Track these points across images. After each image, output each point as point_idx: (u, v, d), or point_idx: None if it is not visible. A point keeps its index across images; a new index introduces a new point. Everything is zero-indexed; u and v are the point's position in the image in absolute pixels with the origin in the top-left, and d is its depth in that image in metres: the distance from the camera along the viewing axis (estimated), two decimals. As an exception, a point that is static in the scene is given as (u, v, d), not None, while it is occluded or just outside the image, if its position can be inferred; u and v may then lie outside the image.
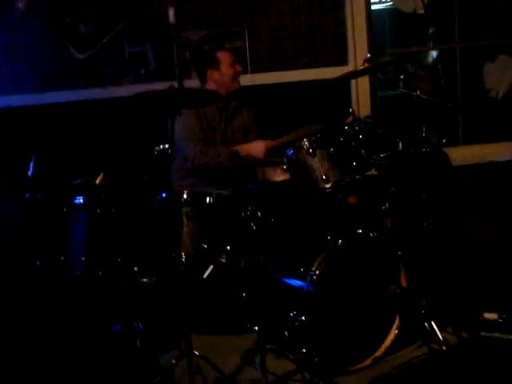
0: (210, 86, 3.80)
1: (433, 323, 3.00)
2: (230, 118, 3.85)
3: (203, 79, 3.84)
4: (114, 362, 3.09)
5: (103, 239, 3.06)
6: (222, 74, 3.78)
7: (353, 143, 3.04)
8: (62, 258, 3.13)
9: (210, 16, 4.37)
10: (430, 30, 5.36)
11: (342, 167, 3.02)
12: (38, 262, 3.15)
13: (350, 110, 3.16)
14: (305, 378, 2.79)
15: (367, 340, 2.93)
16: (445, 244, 3.38)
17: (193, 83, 4.09)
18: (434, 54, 5.54)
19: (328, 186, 2.99)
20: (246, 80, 4.29)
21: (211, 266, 3.20)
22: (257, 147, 3.69)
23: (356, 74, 3.47)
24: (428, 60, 5.61)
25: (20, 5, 4.17)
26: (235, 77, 3.80)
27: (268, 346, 2.90)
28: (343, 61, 4.41)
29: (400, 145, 3.11)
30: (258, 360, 2.89)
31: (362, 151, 3.05)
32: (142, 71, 4.39)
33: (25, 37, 4.28)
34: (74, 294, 3.39)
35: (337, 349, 2.85)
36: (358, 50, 4.38)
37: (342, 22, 4.40)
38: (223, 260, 3.04)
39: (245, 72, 4.34)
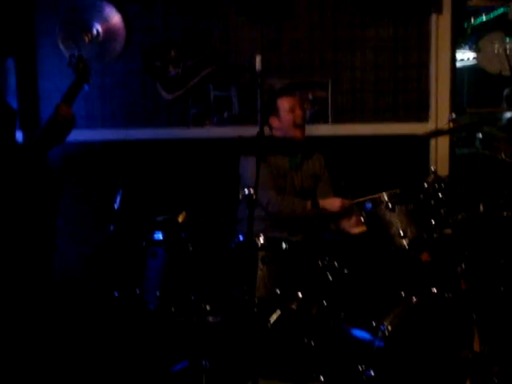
0: (275, 133, 3.85)
1: (505, 392, 2.92)
2: (299, 165, 3.86)
3: (269, 127, 3.89)
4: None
5: (178, 276, 3.13)
6: (282, 121, 3.79)
7: (432, 202, 3.05)
8: (138, 290, 3.23)
9: (295, 65, 4.46)
10: (506, 91, 5.31)
11: (420, 225, 3.03)
12: (115, 293, 3.25)
13: (432, 168, 3.18)
14: (370, 435, 2.75)
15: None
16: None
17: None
18: (508, 115, 5.48)
19: (405, 242, 3.00)
20: (327, 130, 4.38)
21: (278, 311, 3.23)
22: (333, 204, 3.63)
23: (441, 133, 3.48)
24: (503, 121, 5.55)
25: (117, 46, 4.38)
26: (295, 122, 3.77)
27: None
28: (424, 118, 4.41)
29: (481, 206, 3.10)
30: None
31: (441, 210, 3.05)
32: (225, 114, 4.51)
33: (117, 76, 4.49)
34: (146, 327, 3.47)
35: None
36: (440, 108, 4.38)
37: (425, 80, 4.41)
38: (294, 306, 3.06)
39: (325, 122, 4.43)
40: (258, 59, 4.34)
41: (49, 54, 4.47)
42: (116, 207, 3.24)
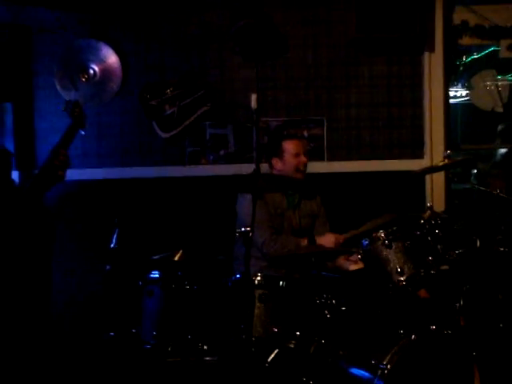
0: (275, 173, 3.84)
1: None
2: (297, 204, 3.86)
3: (270, 166, 3.90)
4: None
5: (175, 315, 3.12)
6: (285, 164, 3.80)
7: (429, 238, 3.05)
8: (134, 330, 3.20)
9: (291, 103, 4.51)
10: (499, 127, 5.37)
11: (418, 261, 3.03)
12: (112, 333, 3.22)
13: (428, 204, 3.19)
14: None
15: None
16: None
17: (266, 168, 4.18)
18: (502, 151, 5.53)
19: (403, 278, 2.99)
20: (322, 167, 4.39)
21: (276, 350, 3.20)
22: (327, 240, 3.63)
23: (436, 169, 3.50)
24: (497, 157, 5.59)
25: (114, 86, 4.43)
26: (298, 167, 3.78)
27: None
28: (419, 154, 4.45)
29: (478, 242, 3.10)
30: None
31: (438, 246, 3.05)
32: (222, 152, 4.53)
33: (114, 115, 4.52)
34: (143, 367, 3.43)
35: None
36: (435, 145, 4.42)
37: (419, 116, 4.46)
38: (292, 345, 3.04)
39: (321, 159, 4.45)
40: (254, 97, 4.37)
41: (46, 95, 4.50)
42: (112, 246, 3.24)
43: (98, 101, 4.44)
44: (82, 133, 3.25)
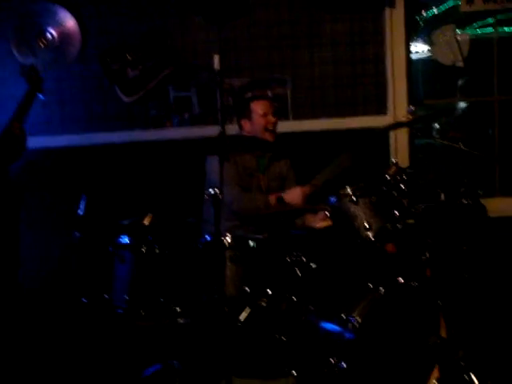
0: (244, 134, 3.87)
1: (472, 375, 2.99)
2: (266, 166, 3.89)
3: (239, 128, 3.92)
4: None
5: (146, 279, 3.13)
6: (254, 124, 3.82)
7: (395, 193, 3.10)
8: (106, 295, 3.21)
9: (254, 63, 4.48)
10: (460, 82, 5.43)
11: (384, 216, 3.08)
12: (84, 299, 3.23)
13: (393, 160, 3.23)
14: (343, 425, 2.78)
15: (405, 389, 2.93)
16: (485, 296, 3.39)
17: (235, 129, 4.19)
18: (463, 104, 5.61)
19: (370, 234, 3.04)
20: (287, 126, 4.38)
21: (248, 309, 3.25)
22: (294, 194, 3.68)
23: (401, 125, 3.54)
24: (458, 111, 5.67)
25: (73, 50, 4.34)
26: (267, 127, 3.81)
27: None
28: (383, 110, 4.48)
29: (442, 195, 3.16)
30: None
31: (404, 201, 3.10)
32: (186, 115, 4.51)
33: (75, 80, 4.45)
34: (116, 331, 3.46)
35: (376, 397, 2.86)
36: (398, 101, 4.46)
37: (382, 73, 4.48)
38: (264, 303, 3.08)
39: (286, 119, 4.45)
40: (216, 58, 4.34)
41: (3, 62, 4.40)
42: (80, 213, 3.22)
43: (58, 66, 4.35)
44: (41, 97, 3.21)
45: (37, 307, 3.90)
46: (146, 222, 3.13)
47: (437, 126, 5.81)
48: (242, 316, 3.23)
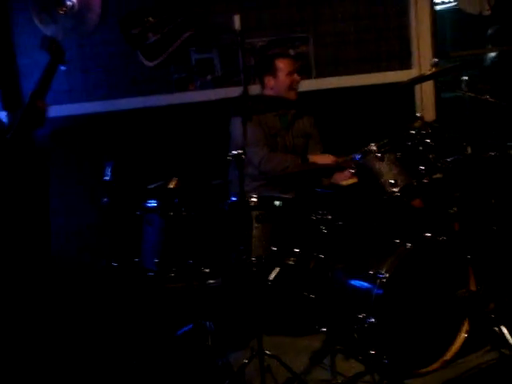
0: (267, 92, 3.87)
1: (503, 328, 2.98)
2: (290, 124, 3.89)
3: (262, 85, 3.91)
4: (186, 360, 3.19)
5: (175, 241, 3.15)
6: (278, 82, 3.82)
7: (420, 148, 3.07)
8: (136, 259, 3.25)
9: (275, 22, 4.42)
10: (489, 31, 5.29)
11: (410, 171, 3.05)
12: (114, 263, 3.28)
13: (418, 114, 3.19)
14: (374, 380, 2.82)
15: (436, 343, 2.94)
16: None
17: (258, 89, 4.17)
18: (492, 55, 5.47)
19: (396, 190, 3.01)
20: (310, 85, 4.35)
21: (277, 269, 3.28)
22: (325, 160, 3.70)
23: (424, 79, 3.47)
24: (487, 62, 5.54)
25: (94, 17, 4.32)
26: (291, 86, 3.81)
27: (337, 347, 2.95)
28: (407, 65, 4.41)
29: (469, 149, 3.12)
30: (327, 361, 2.96)
31: (430, 155, 3.06)
32: (209, 77, 4.49)
33: (97, 47, 4.44)
34: (147, 294, 3.52)
35: (406, 351, 2.87)
36: (422, 54, 4.38)
37: (405, 27, 4.40)
38: (291, 262, 3.10)
39: (309, 77, 4.40)
40: (237, 19, 4.30)
41: (25, 31, 4.41)
42: (108, 179, 3.25)
43: (79, 33, 4.34)
44: (63, 68, 3.22)
45: (67, 273, 3.97)
46: (172, 185, 3.15)
47: (465, 78, 5.68)
48: (271, 275, 3.27)
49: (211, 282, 3.28)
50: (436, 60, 3.33)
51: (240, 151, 2.72)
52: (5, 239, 3.07)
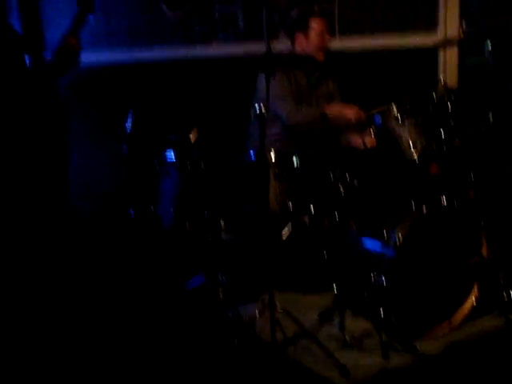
0: (297, 48, 3.85)
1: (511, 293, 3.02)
2: (315, 85, 3.88)
3: (292, 41, 3.88)
4: (197, 312, 3.25)
5: (192, 194, 3.18)
6: (309, 41, 3.80)
7: (442, 113, 3.05)
8: (152, 209, 3.29)
9: (300, -22, 4.37)
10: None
11: (430, 136, 3.04)
12: (131, 212, 3.32)
13: (441, 79, 3.16)
14: (382, 339, 2.87)
15: (445, 306, 2.98)
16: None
17: (280, 45, 4.13)
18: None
19: (415, 154, 3.02)
20: (334, 43, 4.28)
21: (289, 225, 3.29)
22: (351, 108, 3.65)
23: (450, 43, 3.43)
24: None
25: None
26: (321, 47, 3.80)
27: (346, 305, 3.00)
28: (433, 27, 4.34)
29: (490, 117, 3.10)
30: (336, 318, 3.01)
31: (451, 121, 3.05)
32: (231, 31, 4.45)
33: (120, -6, 4.41)
34: (161, 245, 3.56)
35: (415, 313, 2.92)
36: (449, 17, 4.30)
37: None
38: (306, 220, 3.13)
39: (333, 35, 4.35)
40: (263, -28, 4.24)
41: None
42: (128, 129, 3.26)
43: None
44: (91, 17, 3.21)
45: (87, 223, 4.02)
46: (192, 136, 3.16)
47: (489, 44, 5.58)
48: (284, 232, 3.30)
49: (225, 235, 3.31)
50: (465, 26, 3.29)
51: (262, 106, 2.72)
52: (23, 182, 3.10)
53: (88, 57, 4.21)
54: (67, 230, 3.34)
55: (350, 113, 3.55)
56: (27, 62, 3.86)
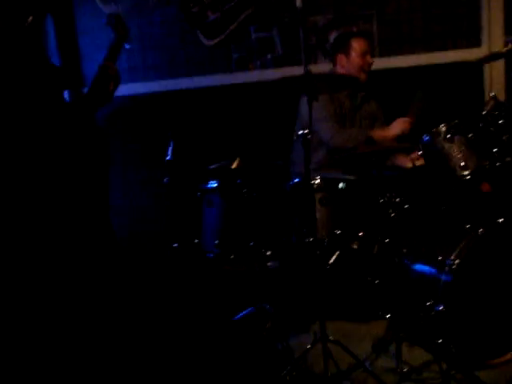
0: (339, 70, 3.79)
1: None
2: (358, 106, 3.83)
3: (333, 63, 3.84)
4: (245, 344, 3.15)
5: (236, 223, 3.11)
6: (351, 62, 3.75)
7: (493, 129, 2.92)
8: (196, 240, 3.22)
9: (338, 0, 4.30)
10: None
11: (482, 154, 2.91)
12: (175, 245, 3.26)
13: (491, 94, 3.03)
14: (442, 370, 2.72)
15: (507, 333, 2.82)
16: None
17: (318, 68, 4.07)
18: None
19: (467, 173, 2.89)
20: (374, 64, 4.21)
21: (337, 252, 3.19)
22: (399, 123, 3.61)
23: (496, 57, 3.31)
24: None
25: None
26: (363, 67, 3.74)
27: (401, 335, 2.86)
28: (476, 42, 4.22)
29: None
30: (392, 348, 2.87)
31: (503, 137, 2.92)
32: (269, 56, 4.41)
33: (156, 27, 4.42)
34: (206, 276, 3.49)
35: (475, 341, 2.77)
36: (493, 31, 4.17)
37: (475, 1, 4.20)
38: (355, 246, 3.02)
39: (373, 55, 4.27)
40: (298, -4, 4.19)
41: (86, 11, 4.42)
42: (168, 159, 3.22)
43: (139, 13, 4.33)
44: (127, 46, 3.19)
45: (128, 253, 3.98)
46: (234, 165, 3.10)
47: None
48: (333, 259, 3.19)
49: (272, 264, 3.22)
50: (510, 38, 3.18)
51: (306, 130, 2.64)
52: (69, 217, 3.07)
53: (126, 89, 4.24)
54: (110, 262, 3.29)
55: (399, 127, 3.51)
56: (66, 96, 3.88)
